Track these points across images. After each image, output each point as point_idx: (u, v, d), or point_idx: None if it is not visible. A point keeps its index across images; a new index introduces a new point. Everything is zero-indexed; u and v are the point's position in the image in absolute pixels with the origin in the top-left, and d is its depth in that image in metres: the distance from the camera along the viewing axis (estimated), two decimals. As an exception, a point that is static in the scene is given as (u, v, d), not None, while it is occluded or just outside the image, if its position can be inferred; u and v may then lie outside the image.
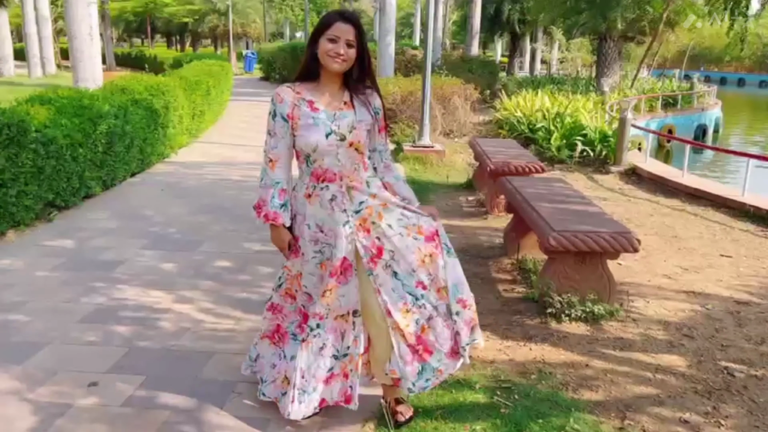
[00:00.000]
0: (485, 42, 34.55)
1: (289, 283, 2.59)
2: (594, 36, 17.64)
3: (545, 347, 3.45)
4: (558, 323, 3.73)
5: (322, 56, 2.32)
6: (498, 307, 4.04)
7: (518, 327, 3.72)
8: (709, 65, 44.14)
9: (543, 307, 3.87)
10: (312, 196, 2.43)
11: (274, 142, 2.41)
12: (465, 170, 8.25)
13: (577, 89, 15.41)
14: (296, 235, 2.50)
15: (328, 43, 2.30)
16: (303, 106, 2.36)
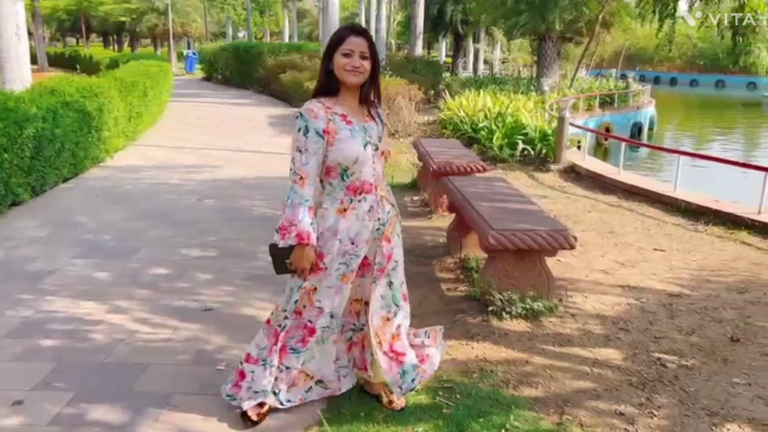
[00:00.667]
0: (430, 42, 34.85)
1: (300, 300, 2.52)
2: (534, 37, 18.04)
3: (487, 345, 3.48)
4: (499, 321, 3.77)
5: (339, 71, 2.35)
6: (441, 306, 4.05)
7: (461, 326, 3.74)
8: (644, 65, 45.85)
9: (485, 305, 3.90)
10: (348, 210, 2.42)
11: (305, 159, 2.34)
12: (410, 170, 8.28)
13: (518, 89, 15.71)
14: (320, 253, 2.44)
15: (344, 58, 2.32)
16: (337, 119, 2.37)
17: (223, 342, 3.40)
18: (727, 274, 4.71)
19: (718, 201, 6.48)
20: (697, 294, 4.30)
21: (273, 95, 18.85)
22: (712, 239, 5.66)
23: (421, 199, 6.99)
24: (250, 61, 21.45)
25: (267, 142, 10.85)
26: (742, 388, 3.03)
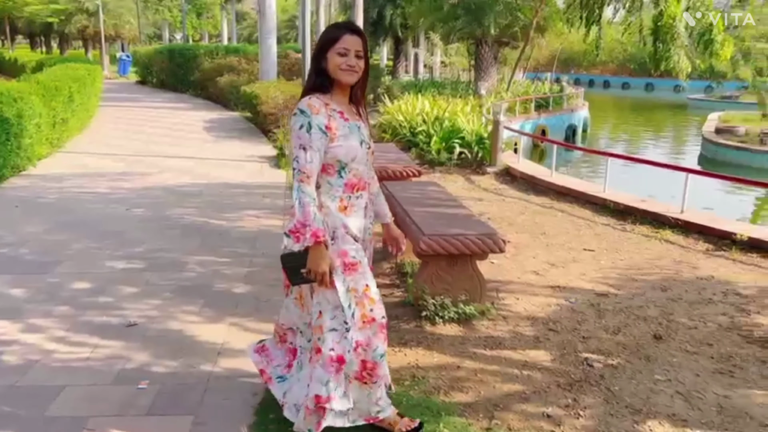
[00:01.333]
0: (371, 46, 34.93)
1: (361, 307, 2.37)
2: (471, 41, 18.32)
3: (419, 351, 3.47)
4: (432, 326, 3.77)
5: (334, 70, 2.29)
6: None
7: (394, 333, 3.71)
8: (578, 68, 47.31)
9: (418, 310, 3.90)
10: (348, 207, 2.37)
11: (310, 156, 2.24)
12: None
13: (457, 93, 15.91)
14: (343, 250, 2.34)
15: (339, 57, 2.28)
16: (336, 116, 2.31)
17: (147, 359, 3.26)
18: (652, 273, 4.88)
19: (645, 201, 6.72)
20: (623, 293, 4.43)
21: (210, 99, 18.46)
22: (638, 238, 5.86)
23: (359, 204, 6.95)
24: (186, 64, 20.94)
25: (203, 147, 10.59)
26: (663, 384, 3.12)
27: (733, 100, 28.98)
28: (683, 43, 6.40)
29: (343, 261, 2.33)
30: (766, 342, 3.60)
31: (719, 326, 3.85)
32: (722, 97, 30.56)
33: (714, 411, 2.88)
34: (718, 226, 5.77)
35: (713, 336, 3.70)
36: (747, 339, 3.66)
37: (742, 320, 3.94)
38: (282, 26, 48.65)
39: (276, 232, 5.77)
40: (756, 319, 3.97)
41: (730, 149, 14.78)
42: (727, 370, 3.27)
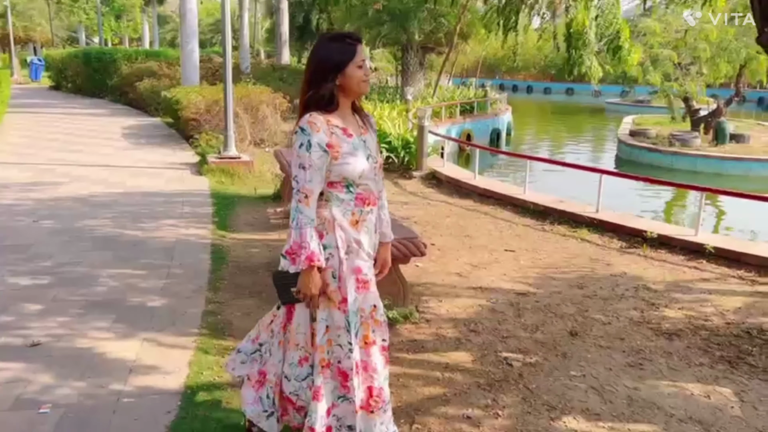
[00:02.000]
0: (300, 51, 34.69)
1: (365, 327, 2.31)
2: (397, 46, 18.50)
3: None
4: (356, 332, 3.73)
5: (357, 84, 2.22)
6: (298, 321, 3.95)
7: (317, 341, 3.66)
8: (502, 74, 48.73)
9: (342, 317, 3.85)
10: (360, 222, 2.29)
11: (309, 176, 2.16)
12: (273, 181, 8.10)
13: (384, 98, 16.01)
14: (358, 267, 2.28)
15: (359, 70, 2.20)
16: (338, 132, 2.21)
17: (50, 381, 3.06)
18: (569, 271, 5.04)
19: (563, 201, 6.96)
20: (541, 291, 4.55)
21: (130, 105, 17.77)
22: (557, 238, 6.05)
23: (285, 210, 6.84)
24: (104, 69, 20.07)
25: (120, 155, 10.16)
26: (578, 380, 3.21)
27: (646, 104, 30.64)
28: (594, 49, 6.66)
29: (357, 278, 2.28)
30: (672, 334, 3.78)
31: (631, 321, 4.01)
32: (636, 101, 32.27)
33: (624, 403, 2.98)
34: (630, 225, 6.04)
35: (625, 330, 3.85)
36: (656, 332, 3.83)
37: (651, 314, 4.12)
38: (206, 30, 47.55)
39: (195, 241, 5.59)
40: (664, 312, 4.17)
41: (643, 150, 15.57)
42: (637, 363, 3.41)
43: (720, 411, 2.92)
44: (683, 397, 3.04)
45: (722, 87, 21.48)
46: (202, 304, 4.15)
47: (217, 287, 4.51)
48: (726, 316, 4.12)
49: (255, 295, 4.40)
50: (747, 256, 5.16)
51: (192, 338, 3.62)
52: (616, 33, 6.73)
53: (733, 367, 3.36)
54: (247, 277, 4.75)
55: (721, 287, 4.69)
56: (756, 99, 35.85)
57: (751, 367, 3.35)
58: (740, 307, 4.28)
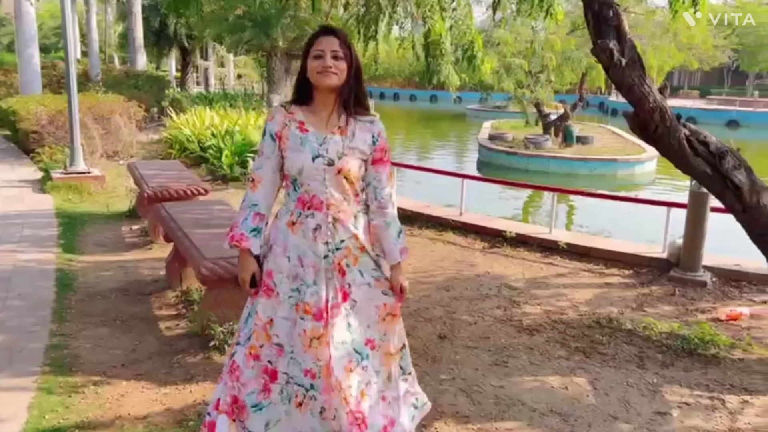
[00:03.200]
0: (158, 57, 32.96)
1: (257, 336, 2.25)
2: (262, 53, 18.14)
3: (207, 385, 3.22)
4: (222, 355, 3.53)
5: (312, 75, 2.17)
6: (158, 348, 3.67)
7: (179, 368, 3.42)
8: (371, 81, 49.66)
9: (206, 340, 3.63)
10: (296, 224, 2.22)
11: (259, 162, 2.26)
12: (129, 196, 7.54)
13: (249, 105, 15.61)
14: (269, 270, 2.25)
15: (314, 60, 2.15)
16: (293, 126, 2.21)
17: None
18: (437, 274, 5.15)
19: (429, 206, 7.13)
20: (411, 297, 4.59)
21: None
22: (425, 242, 6.18)
23: (141, 227, 6.39)
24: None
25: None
26: (447, 383, 3.26)
27: (503, 110, 32.60)
28: (450, 58, 6.90)
29: (264, 281, 2.26)
30: (533, 330, 3.97)
31: (495, 319, 4.16)
32: (494, 107, 34.23)
33: (492, 403, 3.06)
34: (491, 225, 6.32)
35: (490, 329, 3.99)
36: (518, 329, 4.00)
37: (513, 311, 4.31)
38: (50, 34, 43.85)
39: (37, 267, 5.05)
40: (525, 309, 4.37)
41: (502, 154, 16.50)
42: (502, 361, 3.53)
43: (577, 401, 3.09)
44: (544, 391, 3.18)
45: (568, 93, 23.35)
46: (45, 338, 3.74)
47: (62, 318, 4.08)
48: (579, 308, 4.40)
49: (108, 324, 4.05)
50: (595, 250, 5.58)
51: (33, 378, 3.23)
52: (470, 43, 7.02)
53: (587, 357, 3.58)
54: (98, 304, 4.36)
55: (573, 281, 5.03)
56: (597, 104, 39.42)
57: (603, 356, 3.59)
58: (591, 299, 4.61)
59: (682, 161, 3.49)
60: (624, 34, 3.35)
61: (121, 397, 3.11)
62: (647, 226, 7.83)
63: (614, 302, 4.54)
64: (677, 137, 3.43)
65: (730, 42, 36.32)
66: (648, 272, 5.19)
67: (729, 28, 37.03)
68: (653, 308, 4.43)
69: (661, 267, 5.19)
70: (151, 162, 8.07)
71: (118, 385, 3.23)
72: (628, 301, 4.56)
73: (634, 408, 3.02)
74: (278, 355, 2.24)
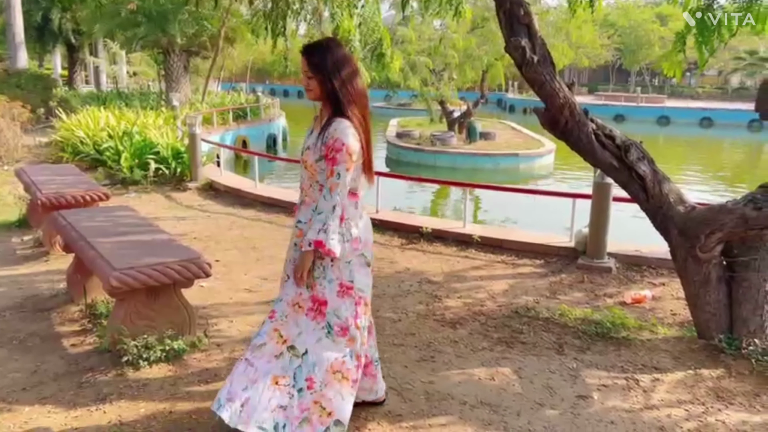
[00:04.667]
0: (41, 54, 30.70)
1: None
2: (158, 50, 17.33)
3: (122, 404, 3.01)
4: (136, 371, 3.32)
5: None
6: (63, 368, 3.39)
7: (90, 387, 3.17)
8: (272, 79, 48.70)
9: (118, 356, 3.40)
10: None
11: None
12: (17, 205, 6.94)
13: (147, 104, 14.87)
14: None
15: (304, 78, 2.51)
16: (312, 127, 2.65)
17: None
18: (357, 273, 5.11)
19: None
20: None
21: None
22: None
23: (35, 238, 5.90)
24: None
25: None
26: (377, 383, 3.23)
27: (408, 107, 33.11)
28: (359, 56, 6.88)
29: None
30: (456, 323, 4.03)
31: (418, 315, 4.18)
32: (399, 105, 34.68)
33: (423, 399, 3.07)
34: (408, 222, 6.38)
35: (414, 325, 4.01)
36: (441, 323, 4.04)
37: (435, 306, 4.36)
38: None
39: None
40: (446, 302, 4.43)
41: (410, 151, 16.75)
42: (429, 356, 3.55)
43: (504, 390, 3.16)
44: (472, 383, 3.23)
45: (468, 90, 24.07)
46: (-73, 367, 3.35)
47: (-52, 342, 3.68)
48: (497, 299, 4.52)
49: (4, 344, 3.71)
50: (507, 242, 5.76)
51: None
52: (378, 40, 7.03)
53: (510, 346, 3.68)
54: (-9, 324, 3.97)
55: (489, 273, 5.16)
56: (495, 100, 40.94)
57: (524, 345, 3.70)
58: (507, 290, 4.74)
59: (590, 154, 3.66)
60: (535, 32, 3.46)
61: (24, 424, 2.85)
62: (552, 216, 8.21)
63: (529, 291, 4.70)
64: (586, 132, 3.59)
65: (613, 42, 38.97)
66: (558, 261, 5.43)
67: (612, 29, 39.71)
68: (565, 295, 4.63)
69: (570, 255, 5.45)
70: (42, 166, 7.47)
71: (20, 412, 2.96)
72: (542, 290, 4.74)
73: (557, 393, 3.13)
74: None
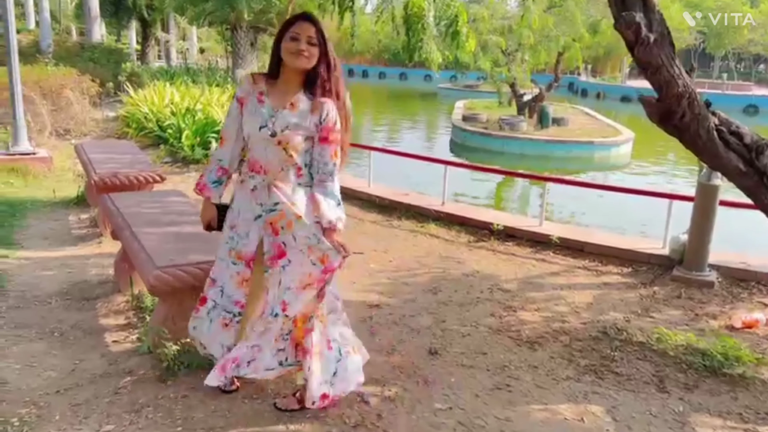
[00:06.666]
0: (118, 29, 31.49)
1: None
2: (226, 26, 17.22)
3: (158, 419, 2.69)
4: (176, 379, 2.99)
5: (285, 54, 2.38)
6: (102, 369, 3.11)
7: (126, 395, 2.87)
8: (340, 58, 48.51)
9: (159, 360, 3.09)
10: (243, 183, 2.55)
11: (228, 122, 2.55)
12: (78, 181, 6.85)
13: (213, 81, 14.79)
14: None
15: (290, 42, 2.36)
16: (254, 95, 2.47)
17: None
18: (421, 273, 4.67)
19: (408, 194, 6.63)
20: (395, 301, 4.11)
21: None
22: (405, 234, 5.68)
23: (91, 217, 5.75)
24: None
25: None
26: (443, 414, 2.78)
27: (475, 89, 32.15)
28: (432, 33, 6.36)
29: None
30: (534, 342, 3.52)
31: (490, 329, 3.70)
32: (466, 86, 33.72)
33: (498, 440, 2.61)
34: (476, 217, 5.86)
35: (486, 342, 3.53)
36: (517, 341, 3.55)
37: (509, 319, 3.86)
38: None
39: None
40: (521, 315, 3.93)
41: (476, 135, 16.05)
42: (504, 384, 3.07)
43: (595, 435, 2.66)
44: (558, 424, 2.73)
45: (538, 73, 22.99)
46: (-38, 359, 3.15)
47: (-11, 330, 3.49)
48: (580, 314, 3.98)
49: (44, 337, 3.47)
50: (589, 245, 5.17)
51: (-57, 413, 2.66)
52: (454, 17, 6.49)
53: (600, 377, 3.15)
54: (34, 312, 3.77)
55: (570, 281, 4.60)
56: (567, 84, 39.29)
57: (617, 376, 3.16)
58: (591, 303, 4.19)
59: (710, 154, 3.05)
60: (652, 6, 2.86)
61: (51, 438, 2.56)
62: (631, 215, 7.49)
63: (617, 306, 4.13)
64: (706, 127, 2.98)
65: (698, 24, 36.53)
66: (648, 270, 4.81)
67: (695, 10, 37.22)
68: (660, 313, 4.03)
69: (663, 265, 4.82)
70: (101, 143, 7.36)
71: (48, 420, 2.68)
72: (632, 305, 4.15)
73: (662, 444, 2.61)
74: (210, 285, 2.70)
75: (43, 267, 4.55)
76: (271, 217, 2.48)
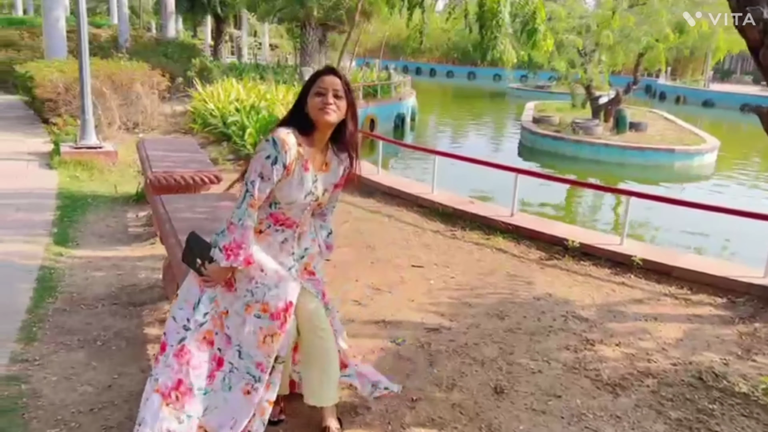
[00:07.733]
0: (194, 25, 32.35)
1: (213, 323, 2.39)
2: (296, 23, 17.23)
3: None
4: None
5: (313, 111, 2.27)
6: (140, 386, 2.86)
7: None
8: (406, 56, 48.20)
9: (198, 381, 2.84)
10: (263, 234, 2.39)
11: (264, 186, 2.25)
12: (137, 178, 6.82)
13: (281, 78, 14.76)
14: None
15: (316, 97, 2.26)
16: (300, 162, 2.30)
17: None
18: (486, 293, 4.27)
19: (473, 203, 6.22)
20: (456, 325, 3.73)
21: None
22: (470, 247, 5.28)
23: (148, 215, 5.65)
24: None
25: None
26: (510, 472, 2.40)
27: (546, 90, 31.11)
28: (507, 31, 5.92)
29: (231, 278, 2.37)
30: (616, 386, 3.07)
31: (565, 366, 3.27)
32: (537, 87, 32.70)
33: None
34: (548, 231, 5.39)
35: (560, 382, 3.11)
36: (596, 383, 3.11)
37: (587, 355, 3.41)
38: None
39: (18, 263, 4.35)
40: (601, 350, 3.47)
41: (548, 138, 15.34)
42: (582, 437, 2.65)
43: None
44: (647, 497, 2.30)
45: (613, 74, 21.93)
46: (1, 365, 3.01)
47: (32, 335, 3.37)
48: (669, 352, 3.49)
49: (86, 345, 3.32)
50: (677, 269, 4.62)
51: (-30, 429, 2.50)
52: (531, 14, 6.03)
53: (697, 437, 2.68)
54: (80, 317, 3.64)
55: (656, 310, 4.09)
56: (643, 86, 37.53)
57: (718, 437, 2.69)
58: (681, 339, 3.68)
59: None
60: (784, 0, 2.37)
61: (74, 469, 2.35)
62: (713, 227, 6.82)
63: (712, 345, 3.61)
64: None
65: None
66: (747, 303, 4.23)
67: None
68: (765, 357, 3.48)
69: (764, 297, 4.23)
70: (162, 139, 7.33)
71: (77, 446, 2.48)
72: (730, 344, 3.62)
73: None
74: (227, 345, 2.38)
75: (94, 267, 4.45)
76: (304, 262, 2.50)
